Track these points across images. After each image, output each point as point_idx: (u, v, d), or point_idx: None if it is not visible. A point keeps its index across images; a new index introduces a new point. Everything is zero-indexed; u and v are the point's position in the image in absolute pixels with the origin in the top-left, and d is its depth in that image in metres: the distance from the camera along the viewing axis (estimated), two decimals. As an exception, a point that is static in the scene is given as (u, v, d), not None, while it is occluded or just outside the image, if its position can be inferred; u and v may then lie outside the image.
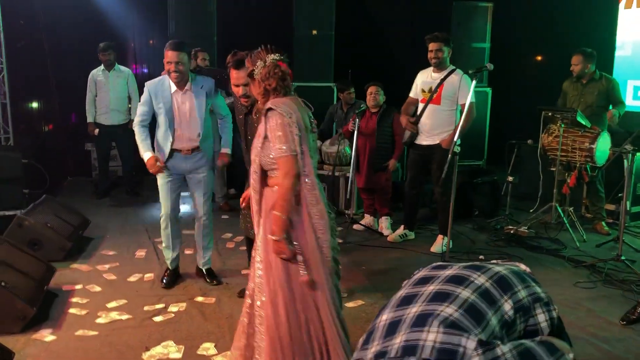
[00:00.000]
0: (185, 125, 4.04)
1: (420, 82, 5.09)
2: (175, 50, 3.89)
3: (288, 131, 2.57)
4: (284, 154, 2.57)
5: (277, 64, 2.71)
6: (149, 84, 4.08)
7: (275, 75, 2.68)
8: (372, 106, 5.59)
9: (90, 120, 6.58)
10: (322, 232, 2.66)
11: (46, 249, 4.54)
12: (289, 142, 2.57)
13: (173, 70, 3.90)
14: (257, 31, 7.68)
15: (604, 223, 5.66)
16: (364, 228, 5.67)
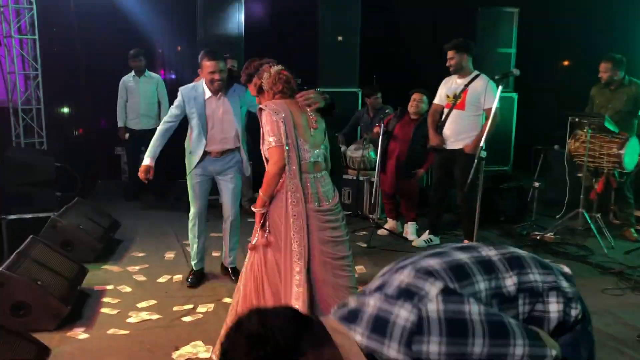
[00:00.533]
0: (218, 129, 4.13)
1: (445, 89, 5.11)
2: (215, 59, 3.97)
3: (275, 126, 2.91)
4: (272, 145, 2.93)
5: (281, 71, 3.10)
6: (183, 88, 4.17)
7: (281, 80, 3.07)
8: (413, 113, 5.60)
9: (121, 125, 6.74)
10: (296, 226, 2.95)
11: (78, 250, 4.67)
12: (275, 135, 2.92)
13: (217, 79, 3.98)
14: (283, 37, 7.78)
15: (633, 230, 5.59)
16: (388, 233, 5.69)
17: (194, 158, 4.18)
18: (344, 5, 7.35)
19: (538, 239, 5.43)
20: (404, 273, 1.53)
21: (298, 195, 2.96)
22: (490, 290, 1.54)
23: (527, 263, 1.64)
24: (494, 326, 1.42)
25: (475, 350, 1.40)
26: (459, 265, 1.56)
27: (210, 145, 4.16)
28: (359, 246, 5.35)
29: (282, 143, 2.92)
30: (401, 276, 1.52)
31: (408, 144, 5.54)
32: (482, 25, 7.56)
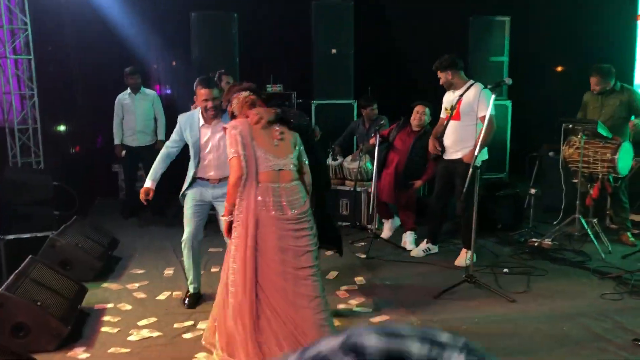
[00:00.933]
0: (214, 156, 4.13)
1: (445, 101, 5.18)
2: (208, 87, 4.02)
3: (233, 139, 3.19)
4: (231, 156, 3.21)
5: (247, 97, 3.39)
6: (181, 116, 4.26)
7: (247, 103, 3.37)
8: (415, 125, 5.64)
9: (118, 143, 6.76)
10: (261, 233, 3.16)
11: (77, 269, 4.67)
12: (233, 146, 3.19)
13: (210, 107, 4.02)
14: (278, 51, 7.83)
15: (630, 234, 5.62)
16: (388, 243, 5.70)
17: (188, 182, 4.21)
18: (337, 17, 7.40)
19: (536, 245, 5.45)
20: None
21: (244, 203, 3.19)
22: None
23: None
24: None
25: None
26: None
27: (208, 172, 4.16)
28: (358, 257, 5.37)
29: (239, 153, 3.18)
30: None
31: (407, 155, 5.59)
32: (474, 35, 7.62)
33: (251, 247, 3.15)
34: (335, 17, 7.41)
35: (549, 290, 4.46)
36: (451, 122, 5.00)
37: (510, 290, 4.44)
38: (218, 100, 4.05)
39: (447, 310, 4.11)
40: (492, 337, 3.68)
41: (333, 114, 7.37)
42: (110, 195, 7.87)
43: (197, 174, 4.16)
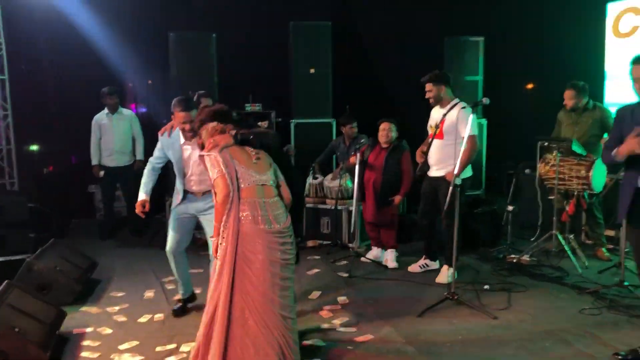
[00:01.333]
0: (196, 172, 4.23)
1: (431, 118, 5.25)
2: (186, 110, 4.09)
3: (214, 160, 3.29)
4: (216, 177, 3.28)
5: (215, 127, 3.46)
6: (162, 137, 4.32)
7: (216, 132, 3.45)
8: (384, 142, 5.70)
9: (95, 163, 6.69)
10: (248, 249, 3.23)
11: (56, 293, 4.58)
12: (216, 167, 3.28)
13: (188, 129, 4.10)
14: (256, 70, 7.86)
15: (605, 249, 5.73)
16: (370, 261, 5.72)
17: (177, 197, 4.30)
18: (315, 37, 7.48)
19: (515, 262, 5.53)
20: None
21: (230, 219, 3.25)
22: None
23: None
24: None
25: None
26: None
27: (191, 187, 4.28)
28: (341, 276, 5.37)
29: (223, 172, 3.27)
30: None
31: (382, 171, 5.64)
32: (449, 55, 7.76)
33: (239, 261, 3.23)
34: (313, 37, 7.49)
35: (530, 307, 4.51)
36: (435, 141, 5.05)
37: (491, 306, 4.49)
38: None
39: (430, 327, 4.13)
40: (477, 355, 3.70)
41: (312, 133, 7.41)
42: (86, 216, 7.77)
43: (185, 187, 4.28)
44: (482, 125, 7.76)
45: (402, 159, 5.62)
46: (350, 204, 6.15)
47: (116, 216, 7.26)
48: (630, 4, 6.88)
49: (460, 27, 7.99)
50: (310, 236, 6.46)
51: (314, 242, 6.41)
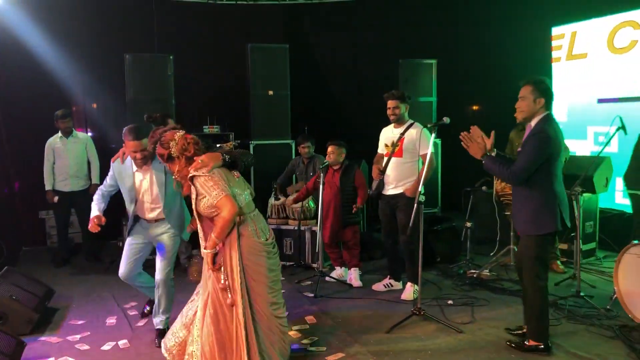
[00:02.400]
0: (147, 199, 4.24)
1: (384, 138, 5.35)
2: (137, 139, 4.04)
3: (215, 180, 3.25)
4: (220, 196, 3.22)
5: (185, 136, 3.38)
6: (115, 163, 4.29)
7: (190, 144, 3.36)
8: (332, 164, 5.79)
9: (49, 188, 6.47)
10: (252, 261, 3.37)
11: (12, 323, 4.39)
12: (219, 187, 3.25)
13: (139, 158, 4.09)
14: (214, 92, 7.85)
15: (559, 262, 5.95)
16: (334, 280, 5.74)
17: (130, 222, 4.33)
18: (273, 59, 7.54)
19: (475, 277, 5.67)
20: None
21: (230, 238, 3.33)
22: None
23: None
24: None
25: None
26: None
27: (144, 214, 4.28)
28: (306, 296, 5.36)
29: (228, 192, 3.26)
30: None
31: (337, 191, 5.72)
32: (403, 76, 7.97)
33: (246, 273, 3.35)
34: (270, 59, 7.55)
35: (493, 320, 4.63)
36: (393, 159, 5.17)
37: (456, 320, 4.58)
38: (146, 150, 4.09)
39: (399, 343, 4.17)
40: (447, 368, 3.77)
41: (272, 154, 7.43)
42: (38, 243, 7.48)
43: (137, 213, 4.29)
44: (437, 144, 7.97)
45: (355, 176, 5.75)
46: (313, 224, 6.18)
47: (70, 243, 7.03)
48: (573, 28, 7.28)
49: (415, 49, 8.24)
50: (272, 257, 6.43)
51: (276, 263, 6.38)
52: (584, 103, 7.21)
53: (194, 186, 3.33)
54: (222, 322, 3.34)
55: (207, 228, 3.42)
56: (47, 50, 7.22)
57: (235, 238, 3.34)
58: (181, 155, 3.37)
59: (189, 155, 3.37)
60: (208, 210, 3.32)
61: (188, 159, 3.37)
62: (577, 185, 4.95)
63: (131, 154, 4.10)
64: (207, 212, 3.34)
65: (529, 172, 3.76)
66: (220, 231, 3.27)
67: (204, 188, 3.27)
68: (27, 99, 7.25)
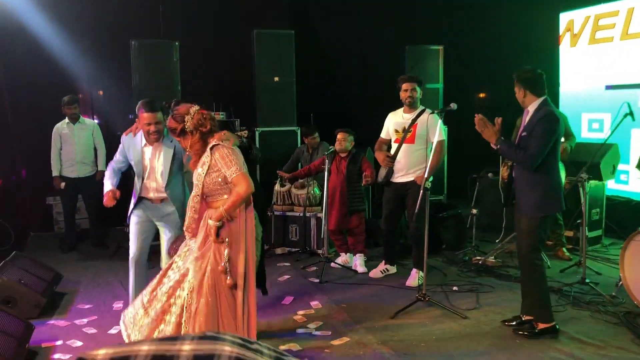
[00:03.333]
0: (153, 177, 4.19)
1: (392, 123, 5.30)
2: (152, 111, 4.01)
3: (234, 156, 3.22)
4: (237, 173, 3.20)
5: (200, 111, 3.30)
6: (124, 137, 4.27)
7: (206, 119, 3.28)
8: (340, 151, 5.79)
9: (56, 174, 6.49)
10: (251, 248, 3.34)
11: (21, 306, 4.43)
12: (238, 164, 3.22)
13: (153, 131, 4.03)
14: (220, 79, 7.83)
15: (565, 249, 5.94)
16: (339, 266, 5.76)
17: (132, 203, 4.26)
18: (278, 45, 7.51)
19: (480, 263, 5.67)
20: None
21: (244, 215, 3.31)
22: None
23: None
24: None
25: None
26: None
27: (148, 193, 4.22)
28: (311, 282, 5.39)
29: (245, 170, 3.24)
30: None
31: (343, 179, 5.72)
32: (410, 63, 7.92)
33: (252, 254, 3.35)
34: (276, 45, 7.51)
35: (498, 306, 4.64)
36: (404, 146, 5.14)
37: (461, 307, 4.59)
38: (161, 124, 4.07)
39: (404, 329, 4.19)
40: (451, 354, 3.79)
41: (277, 141, 7.42)
42: (45, 229, 7.53)
43: (141, 193, 4.22)
44: (444, 130, 7.91)
45: (362, 164, 5.75)
46: (318, 211, 6.19)
47: (77, 228, 7.07)
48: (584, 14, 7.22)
49: (421, 35, 8.18)
50: (279, 244, 6.46)
51: (282, 249, 6.42)
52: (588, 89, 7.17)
53: (212, 157, 3.25)
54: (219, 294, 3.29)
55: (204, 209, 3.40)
56: (53, 36, 7.21)
57: (243, 221, 3.30)
58: (196, 130, 3.29)
59: (204, 130, 3.29)
60: (212, 186, 3.28)
61: (203, 134, 3.29)
62: (583, 172, 4.93)
63: (145, 127, 4.03)
64: (211, 188, 3.29)
65: (543, 156, 3.83)
66: (232, 205, 3.21)
67: (223, 160, 3.21)
68: (34, 85, 7.26)
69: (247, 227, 3.32)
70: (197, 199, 3.36)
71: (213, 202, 3.35)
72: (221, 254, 3.27)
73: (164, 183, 4.16)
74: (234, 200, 3.21)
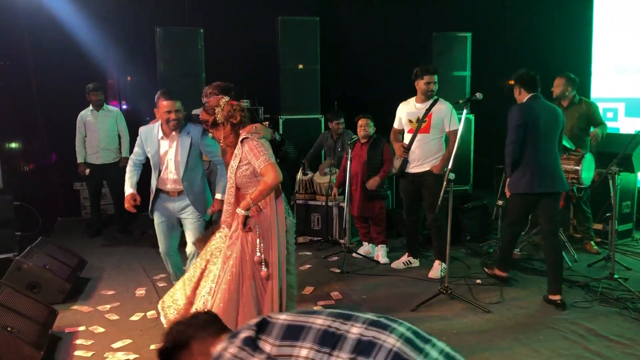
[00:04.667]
0: (170, 169, 4.19)
1: (405, 114, 5.22)
2: (171, 99, 4.03)
3: (262, 148, 3.22)
4: (266, 163, 3.19)
5: (230, 102, 3.31)
6: (142, 129, 4.30)
7: (236, 111, 3.29)
8: (362, 137, 5.73)
9: (81, 161, 6.57)
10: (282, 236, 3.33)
11: (45, 292, 4.51)
12: (266, 154, 3.21)
13: (173, 118, 4.03)
14: (244, 66, 7.80)
15: (593, 242, 5.80)
16: (361, 257, 5.72)
17: (152, 196, 4.29)
18: (303, 33, 7.45)
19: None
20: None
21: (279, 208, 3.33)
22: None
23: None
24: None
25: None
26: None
27: (165, 185, 4.22)
28: (332, 272, 5.36)
29: (274, 161, 3.23)
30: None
31: (364, 165, 5.66)
32: (437, 50, 7.78)
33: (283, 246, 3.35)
34: (301, 33, 7.45)
35: (522, 300, 4.55)
36: (419, 135, 5.06)
37: (484, 300, 4.52)
38: (180, 113, 4.07)
39: (425, 322, 4.14)
40: (472, 348, 3.72)
41: (301, 129, 7.38)
42: (72, 214, 7.65)
43: (158, 185, 4.24)
44: (470, 120, 7.80)
45: (384, 150, 5.68)
46: (341, 200, 6.15)
47: (102, 214, 7.16)
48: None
49: (448, 22, 8.03)
50: (300, 232, 6.44)
51: (304, 238, 6.40)
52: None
53: (242, 150, 3.26)
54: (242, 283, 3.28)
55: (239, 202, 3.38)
56: (80, 26, 7.27)
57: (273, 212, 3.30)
58: (226, 122, 3.31)
59: (234, 122, 3.31)
60: (243, 180, 3.29)
61: (234, 125, 3.31)
62: (613, 164, 4.78)
63: (164, 115, 4.04)
64: (242, 181, 3.30)
65: (514, 146, 4.49)
66: (259, 194, 3.21)
67: (252, 152, 3.21)
68: (61, 72, 7.34)
69: (278, 217, 3.31)
70: (232, 191, 3.38)
71: (245, 195, 3.34)
72: (250, 244, 3.26)
73: (181, 175, 4.16)
74: (262, 189, 3.20)
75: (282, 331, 1.82)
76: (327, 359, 1.73)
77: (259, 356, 1.77)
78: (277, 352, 1.77)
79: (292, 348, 1.76)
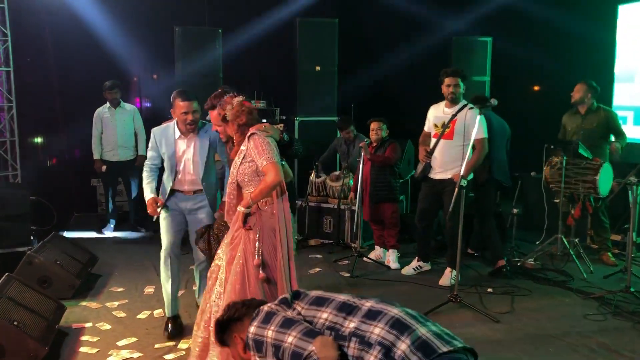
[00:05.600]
0: (188, 169, 4.07)
1: (433, 117, 5.15)
2: (189, 100, 3.93)
3: (268, 146, 3.19)
4: (268, 162, 3.16)
5: (242, 103, 3.30)
6: (155, 130, 4.15)
7: (244, 112, 3.28)
8: (374, 140, 5.69)
9: (97, 158, 6.64)
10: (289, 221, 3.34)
11: (55, 287, 4.55)
12: (270, 154, 3.18)
13: (190, 119, 3.94)
14: (262, 67, 7.82)
15: (610, 253, 5.67)
16: (371, 261, 5.68)
17: (165, 195, 4.11)
18: (321, 34, 7.43)
19: (519, 265, 5.47)
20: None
21: (283, 208, 3.30)
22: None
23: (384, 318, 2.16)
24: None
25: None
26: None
27: (181, 185, 4.10)
28: (342, 276, 5.33)
29: (277, 160, 3.20)
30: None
31: (371, 166, 5.61)
32: (456, 54, 7.70)
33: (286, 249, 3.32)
34: (319, 34, 7.44)
35: (533, 311, 4.46)
36: (442, 141, 4.96)
37: (494, 310, 4.44)
38: (197, 113, 4.00)
39: (432, 330, 4.07)
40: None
41: (316, 131, 7.36)
42: (88, 210, 7.73)
43: (174, 187, 4.09)
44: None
45: (387, 148, 5.63)
46: (353, 204, 6.10)
47: (118, 211, 7.22)
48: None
49: (469, 27, 7.94)
50: (312, 235, 6.42)
51: (315, 241, 6.38)
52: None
53: (247, 145, 3.24)
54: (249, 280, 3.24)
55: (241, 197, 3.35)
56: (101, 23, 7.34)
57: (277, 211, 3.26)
58: (234, 121, 3.30)
59: (240, 123, 3.30)
60: (245, 177, 3.26)
61: (239, 126, 3.30)
62: (632, 175, 4.66)
63: (181, 116, 3.95)
64: (243, 178, 3.27)
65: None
66: (259, 193, 3.19)
67: (257, 148, 3.19)
68: (82, 69, 7.42)
69: (285, 216, 3.29)
70: (233, 185, 3.35)
71: (245, 193, 3.32)
72: (252, 241, 3.23)
73: (200, 175, 4.08)
74: (262, 188, 3.18)
75: (312, 300, 2.34)
76: (342, 322, 2.19)
77: (291, 312, 2.30)
78: (305, 313, 2.28)
79: (317, 311, 2.27)
